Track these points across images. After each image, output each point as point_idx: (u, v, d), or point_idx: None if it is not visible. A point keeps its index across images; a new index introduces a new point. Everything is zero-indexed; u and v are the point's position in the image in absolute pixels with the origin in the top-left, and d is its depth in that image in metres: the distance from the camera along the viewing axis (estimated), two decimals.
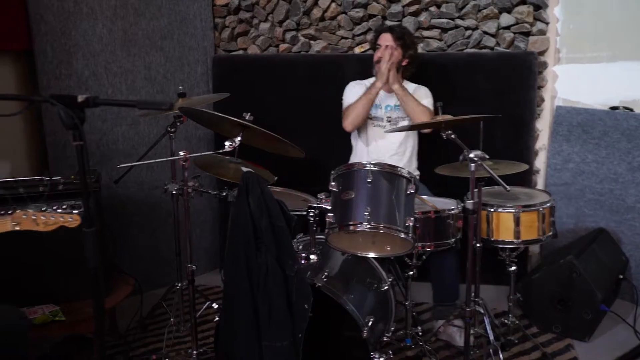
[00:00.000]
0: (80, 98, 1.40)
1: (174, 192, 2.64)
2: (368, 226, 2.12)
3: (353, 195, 2.17)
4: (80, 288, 2.43)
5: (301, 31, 3.48)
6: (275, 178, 2.72)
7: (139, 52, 3.15)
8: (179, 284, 2.79)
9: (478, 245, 2.45)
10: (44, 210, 1.81)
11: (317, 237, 2.31)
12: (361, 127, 2.95)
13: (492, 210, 2.53)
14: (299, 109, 3.39)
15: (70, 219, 1.82)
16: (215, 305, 2.78)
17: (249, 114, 2.36)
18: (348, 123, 2.90)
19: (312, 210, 2.26)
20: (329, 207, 2.22)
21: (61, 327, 2.39)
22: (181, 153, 2.32)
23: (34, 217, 1.78)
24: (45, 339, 2.59)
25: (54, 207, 1.83)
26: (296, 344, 1.91)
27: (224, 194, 2.62)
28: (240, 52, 3.57)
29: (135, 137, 3.19)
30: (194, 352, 2.40)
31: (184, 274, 2.76)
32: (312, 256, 2.24)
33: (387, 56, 2.81)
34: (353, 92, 2.95)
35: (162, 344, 2.67)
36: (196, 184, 2.49)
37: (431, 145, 2.97)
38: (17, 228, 1.78)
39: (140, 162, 2.59)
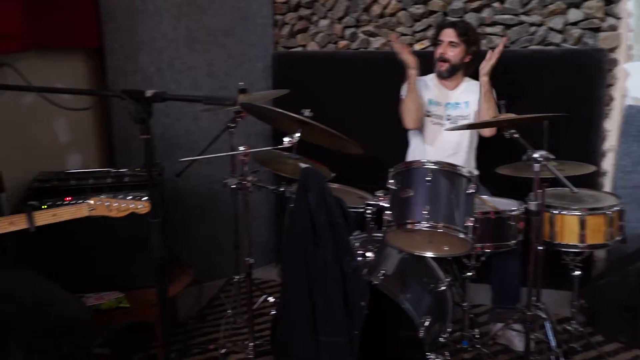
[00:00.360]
0: (148, 93, 1.45)
1: (233, 186, 2.69)
2: (426, 225, 2.09)
3: (412, 194, 2.15)
4: (143, 277, 2.52)
5: (360, 28, 3.47)
6: (333, 175, 2.72)
7: (202, 49, 3.22)
8: (237, 277, 2.84)
9: (540, 248, 2.37)
10: (116, 197, 1.88)
11: (373, 234, 2.30)
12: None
13: (556, 212, 2.45)
14: (358, 105, 3.38)
15: (140, 206, 1.88)
16: (271, 299, 2.82)
17: (308, 110, 2.37)
18: (405, 122, 2.88)
19: (370, 207, 2.25)
20: (387, 205, 2.21)
21: (125, 314, 2.48)
22: (241, 148, 2.36)
23: (107, 204, 1.86)
24: (110, 324, 2.71)
25: (127, 196, 1.90)
26: (352, 341, 1.91)
27: (282, 189, 2.64)
28: (300, 48, 3.59)
29: (196, 131, 3.27)
30: (250, 344, 2.45)
31: (241, 267, 2.82)
32: (368, 254, 2.23)
33: (397, 46, 2.79)
34: None
35: (220, 335, 2.73)
36: (255, 178, 2.53)
37: (491, 144, 2.89)
38: (92, 214, 1.85)
39: (201, 157, 2.65)
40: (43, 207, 2.40)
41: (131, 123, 3.26)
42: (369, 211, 2.25)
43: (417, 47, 3.37)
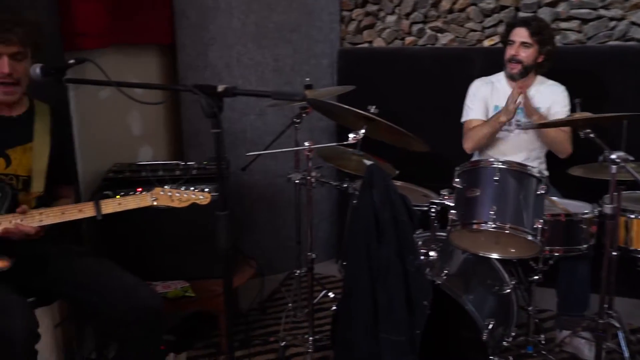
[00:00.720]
0: (219, 88, 1.48)
1: (296, 181, 2.71)
2: (493, 226, 2.05)
3: (478, 193, 2.11)
4: (208, 268, 2.60)
5: (428, 24, 3.42)
6: (397, 172, 2.70)
7: (269, 45, 3.26)
8: (298, 271, 2.87)
9: (614, 253, 2.26)
10: (178, 188, 1.92)
11: (437, 233, 2.27)
12: None
13: (633, 217, 2.32)
14: (424, 103, 3.33)
15: (201, 197, 1.91)
16: (331, 295, 2.83)
17: (374, 106, 2.36)
18: (469, 148, 2.78)
19: (434, 206, 2.22)
20: (452, 204, 2.17)
21: (190, 303, 2.56)
22: (306, 144, 2.38)
23: (169, 194, 1.90)
24: (176, 312, 2.80)
25: (189, 187, 1.94)
26: (414, 340, 1.90)
27: (345, 185, 2.64)
28: (366, 45, 3.58)
29: (262, 126, 3.32)
30: (310, 338, 2.47)
31: (302, 262, 2.85)
32: (431, 253, 2.20)
33: (515, 94, 2.58)
34: (477, 97, 2.81)
35: (280, 327, 2.77)
36: (318, 174, 2.55)
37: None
38: (155, 203, 1.90)
39: (267, 151, 2.69)
40: (117, 197, 2.51)
41: (199, 117, 3.35)
42: (433, 210, 2.22)
43: (487, 43, 3.29)
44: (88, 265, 1.98)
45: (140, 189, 2.54)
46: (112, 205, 1.88)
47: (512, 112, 2.60)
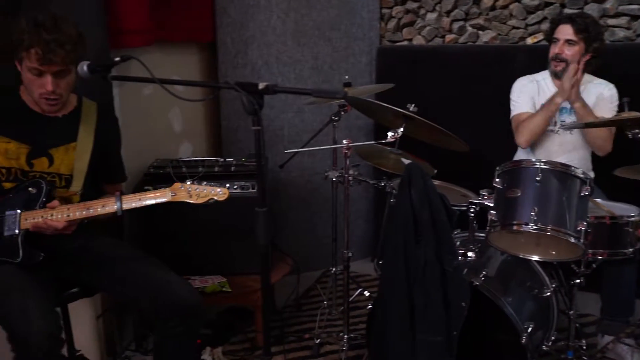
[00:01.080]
0: (261, 86, 1.49)
1: (334, 179, 2.72)
2: (534, 227, 2.00)
3: (519, 194, 2.06)
4: (245, 264, 2.63)
5: (469, 21, 3.37)
6: (435, 171, 2.67)
7: (308, 43, 3.27)
8: (334, 269, 2.87)
9: None
10: (196, 184, 1.92)
11: (475, 234, 2.24)
12: None
13: None
14: (464, 101, 3.29)
15: (219, 192, 1.90)
16: (367, 293, 2.83)
17: (413, 105, 2.34)
18: (524, 141, 2.68)
19: (473, 206, 2.19)
20: (492, 204, 2.14)
21: (226, 298, 2.60)
22: (344, 141, 2.38)
23: (189, 189, 1.91)
24: (212, 306, 2.84)
25: (210, 183, 1.94)
26: (451, 341, 1.88)
27: (382, 183, 2.63)
28: (405, 42, 3.55)
29: (299, 124, 3.34)
30: (345, 336, 2.47)
31: (338, 259, 2.85)
32: (469, 253, 2.17)
33: (571, 71, 2.50)
34: (524, 93, 2.74)
35: (315, 325, 2.78)
36: (356, 172, 2.54)
37: None
38: (173, 199, 1.90)
39: (305, 149, 2.70)
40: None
41: (238, 114, 3.40)
42: (472, 210, 2.19)
43: (530, 40, 3.22)
44: (129, 259, 2.02)
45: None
46: (131, 200, 1.91)
47: (568, 91, 2.51)
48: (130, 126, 2.76)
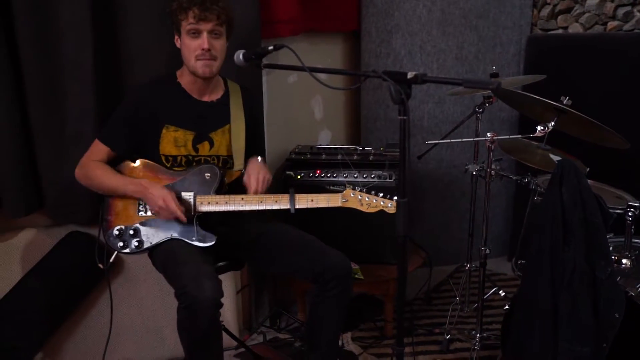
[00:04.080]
0: (409, 75, 1.48)
1: (474, 172, 2.63)
2: None
3: None
4: (379, 253, 2.65)
5: (638, 6, 3.05)
6: (587, 169, 2.48)
7: (454, 32, 3.18)
8: (468, 265, 2.79)
9: None
10: (367, 193, 2.01)
11: (633, 240, 2.05)
12: None
13: None
14: (626, 95, 2.99)
15: (389, 205, 1.98)
16: (502, 293, 2.72)
17: (567, 97, 2.18)
18: None
19: (632, 209, 2.00)
20: None
21: (358, 285, 2.61)
22: (489, 134, 2.29)
23: (359, 198, 2.00)
24: None
25: (378, 193, 2.01)
26: (599, 354, 1.74)
27: (526, 180, 2.49)
28: (560, 31, 3.31)
29: (440, 115, 3.26)
30: (478, 334, 2.39)
31: (473, 256, 2.76)
32: (624, 260, 2.00)
33: None
34: None
35: (445, 320, 2.73)
36: (498, 166, 2.44)
37: None
38: (345, 205, 2.01)
39: (447, 141, 2.64)
40: (298, 177, 2.66)
41: (378, 103, 3.39)
42: (630, 213, 2.00)
43: None
44: (286, 229, 2.18)
45: (319, 171, 2.68)
46: (305, 201, 2.02)
47: None
48: (275, 112, 2.88)
